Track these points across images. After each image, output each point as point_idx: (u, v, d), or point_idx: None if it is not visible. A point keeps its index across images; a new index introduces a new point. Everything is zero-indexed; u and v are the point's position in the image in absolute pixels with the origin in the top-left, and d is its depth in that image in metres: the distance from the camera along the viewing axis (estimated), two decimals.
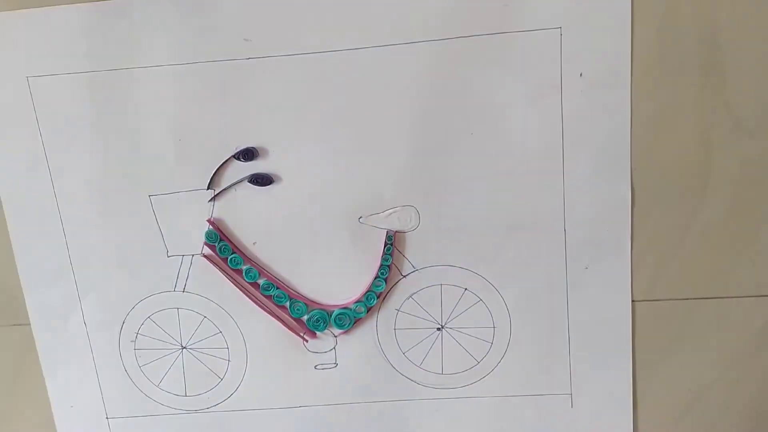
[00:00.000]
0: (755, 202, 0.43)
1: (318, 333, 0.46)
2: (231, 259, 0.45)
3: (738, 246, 0.44)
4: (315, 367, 0.47)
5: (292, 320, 0.46)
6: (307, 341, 0.46)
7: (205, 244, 0.45)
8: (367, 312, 0.46)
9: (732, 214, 0.43)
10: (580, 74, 0.41)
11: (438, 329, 0.46)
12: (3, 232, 0.46)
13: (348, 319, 0.46)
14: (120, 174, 0.44)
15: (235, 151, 0.43)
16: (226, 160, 0.44)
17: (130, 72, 0.42)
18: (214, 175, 0.44)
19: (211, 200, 0.44)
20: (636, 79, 0.41)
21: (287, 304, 0.46)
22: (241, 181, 0.44)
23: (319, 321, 0.46)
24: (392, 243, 0.44)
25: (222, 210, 0.45)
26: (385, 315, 0.46)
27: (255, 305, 0.46)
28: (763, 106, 0.41)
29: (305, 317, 0.46)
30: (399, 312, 0.46)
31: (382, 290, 0.45)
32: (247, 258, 0.45)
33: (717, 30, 0.40)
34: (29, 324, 0.48)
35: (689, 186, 0.43)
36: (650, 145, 0.42)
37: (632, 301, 0.45)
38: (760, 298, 0.44)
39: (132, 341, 0.47)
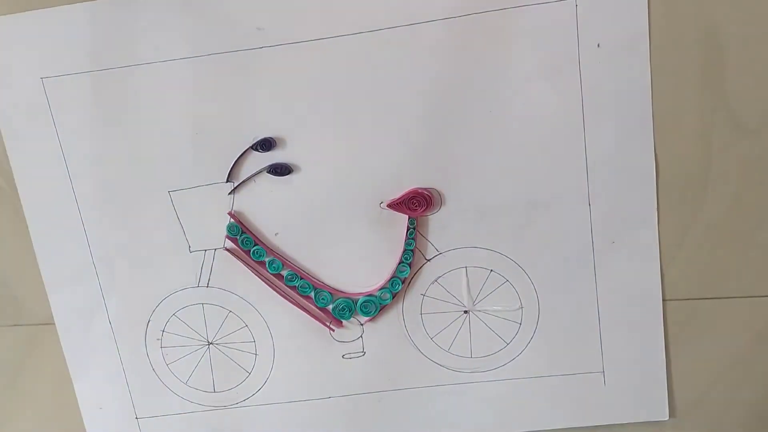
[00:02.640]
0: (755, 202, 0.42)
1: (344, 322, 0.46)
2: (253, 251, 0.45)
3: (738, 246, 0.43)
4: (342, 356, 0.46)
5: (318, 310, 0.46)
6: (333, 330, 0.46)
7: (227, 237, 0.45)
8: (393, 298, 0.45)
9: (732, 215, 0.43)
10: (598, 45, 0.40)
11: (465, 312, 0.46)
12: (4, 231, 0.46)
13: (374, 306, 0.45)
14: (139, 171, 0.44)
15: (253, 142, 0.43)
16: (244, 152, 0.43)
17: (144, 68, 0.42)
18: (232, 167, 0.44)
19: (230, 193, 0.44)
20: None
21: (312, 294, 0.45)
22: (259, 172, 0.44)
23: (344, 309, 0.45)
24: (415, 227, 0.44)
25: (242, 202, 0.44)
26: (410, 300, 0.46)
27: (280, 296, 0.45)
28: (764, 106, 0.41)
29: (330, 306, 0.46)
30: (425, 297, 0.46)
31: (407, 275, 0.45)
32: (269, 249, 0.45)
33: (717, 28, 0.40)
34: (29, 324, 0.48)
35: (689, 186, 0.42)
36: None
37: None
38: (760, 298, 0.44)
39: (158, 339, 0.47)
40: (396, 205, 0.43)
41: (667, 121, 0.41)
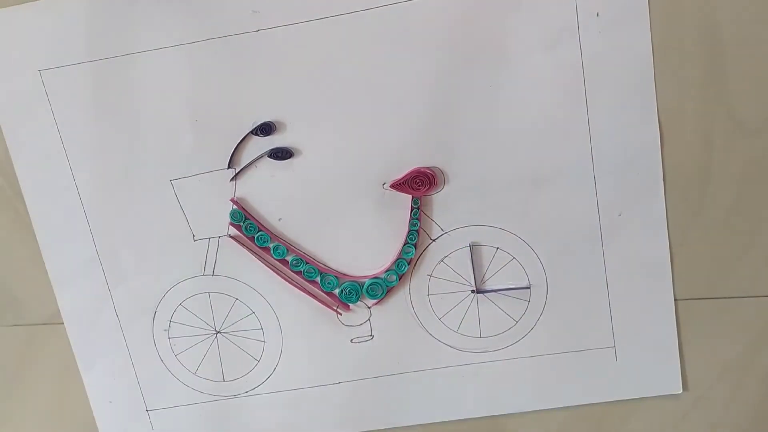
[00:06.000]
0: (756, 202, 0.42)
1: (351, 305, 0.45)
2: (258, 237, 0.44)
3: (738, 246, 0.43)
4: (351, 341, 0.46)
5: (324, 294, 0.45)
6: (341, 314, 0.46)
7: (231, 224, 0.45)
8: (399, 280, 0.45)
9: (732, 215, 0.42)
10: (597, 14, 0.40)
11: (473, 292, 0.45)
12: (4, 230, 0.46)
13: (380, 288, 0.45)
14: (140, 160, 0.44)
15: (252, 127, 0.43)
16: (245, 137, 0.43)
17: (141, 56, 0.42)
18: (233, 153, 0.43)
19: (232, 179, 0.44)
20: None
21: (318, 278, 0.45)
22: (260, 156, 0.43)
23: (351, 293, 0.45)
24: (419, 207, 0.44)
25: (245, 188, 0.44)
26: (417, 282, 0.45)
27: (286, 282, 0.45)
28: (765, 106, 0.40)
29: (337, 290, 0.45)
30: (431, 277, 0.45)
31: (413, 256, 0.45)
32: (273, 235, 0.45)
33: (719, 27, 0.39)
34: (30, 324, 0.48)
35: (690, 186, 0.42)
36: None
37: None
38: (760, 298, 0.43)
39: (165, 330, 0.47)
40: (399, 186, 0.43)
41: (667, 122, 0.41)
